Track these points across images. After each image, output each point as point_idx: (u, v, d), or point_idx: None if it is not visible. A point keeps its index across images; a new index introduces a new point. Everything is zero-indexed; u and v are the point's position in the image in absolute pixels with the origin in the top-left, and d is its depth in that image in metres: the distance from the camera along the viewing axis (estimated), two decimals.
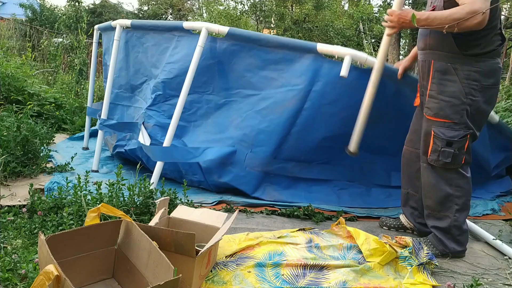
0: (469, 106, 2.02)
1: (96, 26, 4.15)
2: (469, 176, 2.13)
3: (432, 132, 2.09)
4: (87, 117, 4.26)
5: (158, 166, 2.81)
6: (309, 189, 2.88)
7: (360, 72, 2.59)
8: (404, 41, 15.13)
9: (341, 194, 2.90)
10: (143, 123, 3.15)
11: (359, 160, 2.81)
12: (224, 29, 2.83)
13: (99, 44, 4.37)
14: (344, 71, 2.43)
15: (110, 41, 3.78)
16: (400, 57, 12.30)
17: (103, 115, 3.49)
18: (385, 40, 2.30)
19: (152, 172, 3.28)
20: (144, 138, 3.05)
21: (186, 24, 3.00)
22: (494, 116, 2.95)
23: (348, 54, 2.46)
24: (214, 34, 2.89)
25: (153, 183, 2.70)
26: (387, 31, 2.21)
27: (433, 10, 2.06)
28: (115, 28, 3.47)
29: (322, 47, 2.62)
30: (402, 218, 2.52)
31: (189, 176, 3.02)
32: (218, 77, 2.95)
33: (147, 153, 2.97)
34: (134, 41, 3.47)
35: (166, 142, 2.81)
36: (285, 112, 2.75)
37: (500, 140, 3.19)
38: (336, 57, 2.59)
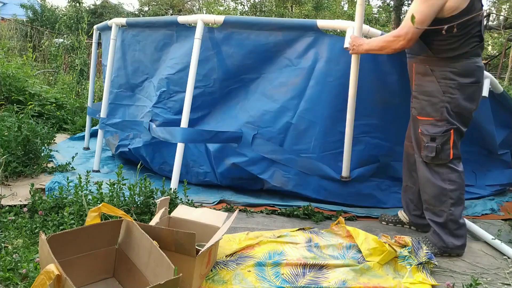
0: (448, 104, 2.12)
1: (95, 26, 4.15)
2: (461, 170, 2.19)
3: (419, 130, 2.22)
4: (87, 117, 4.27)
5: (180, 148, 2.79)
6: (321, 182, 2.77)
7: None
8: None
9: (353, 191, 2.82)
10: (150, 120, 3.16)
11: (376, 153, 2.77)
12: (220, 18, 2.80)
13: (99, 44, 4.38)
14: (347, 43, 2.43)
15: (108, 40, 3.79)
16: None
17: (103, 114, 3.50)
18: (352, 58, 2.46)
19: (154, 172, 3.31)
20: (155, 133, 3.05)
21: (180, 18, 2.97)
22: (498, 86, 2.97)
23: (350, 27, 2.46)
24: (210, 24, 2.88)
25: (174, 187, 2.70)
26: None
27: None
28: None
29: (322, 23, 2.62)
30: (400, 214, 2.60)
31: (196, 168, 3.02)
32: (218, 68, 2.92)
33: (167, 137, 2.92)
34: (130, 40, 3.45)
35: (183, 124, 2.81)
36: (289, 92, 2.74)
37: (503, 116, 3.19)
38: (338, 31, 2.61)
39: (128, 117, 3.52)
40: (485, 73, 2.73)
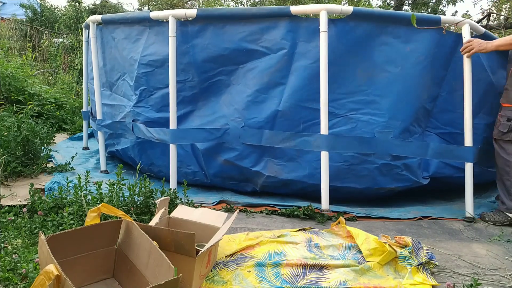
0: None
1: (83, 24, 4.08)
2: None
3: (500, 114, 2.69)
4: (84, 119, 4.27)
5: (173, 150, 2.82)
6: (315, 164, 2.71)
7: (341, 25, 2.63)
8: None
9: (349, 173, 2.77)
10: (133, 120, 3.14)
11: (370, 130, 2.72)
12: (193, 12, 2.80)
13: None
14: (323, 26, 2.51)
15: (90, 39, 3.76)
16: None
17: (98, 115, 3.48)
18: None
19: (147, 172, 3.29)
20: (144, 132, 3.04)
21: (153, 14, 2.96)
22: None
23: (323, 10, 2.53)
24: (182, 19, 2.85)
25: (171, 188, 2.71)
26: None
27: None
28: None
29: (295, 9, 2.65)
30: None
31: (183, 169, 3.01)
32: (194, 61, 2.90)
33: (162, 138, 2.91)
34: (107, 37, 3.42)
35: (172, 125, 2.82)
36: (272, 79, 2.74)
37: None
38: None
39: (106, 116, 3.51)
40: None
